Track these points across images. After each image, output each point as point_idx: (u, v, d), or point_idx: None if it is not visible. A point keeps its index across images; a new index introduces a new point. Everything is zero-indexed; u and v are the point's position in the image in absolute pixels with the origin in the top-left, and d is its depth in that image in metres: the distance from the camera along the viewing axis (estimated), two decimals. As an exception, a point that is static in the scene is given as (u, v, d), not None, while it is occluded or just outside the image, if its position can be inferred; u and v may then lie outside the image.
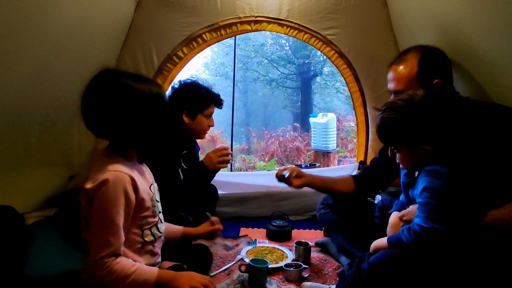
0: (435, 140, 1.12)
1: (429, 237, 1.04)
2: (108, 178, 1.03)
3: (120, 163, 1.08)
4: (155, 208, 1.17)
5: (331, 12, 2.34)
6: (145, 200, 1.12)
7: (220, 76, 12.31)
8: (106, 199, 1.02)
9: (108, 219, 1.01)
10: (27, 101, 1.66)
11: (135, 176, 1.08)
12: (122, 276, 1.01)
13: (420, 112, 1.12)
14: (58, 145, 2.01)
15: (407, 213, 1.24)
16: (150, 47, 2.33)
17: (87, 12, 1.75)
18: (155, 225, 1.17)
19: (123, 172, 1.05)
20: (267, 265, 1.46)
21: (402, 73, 1.38)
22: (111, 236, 1.01)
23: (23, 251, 1.56)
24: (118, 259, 1.02)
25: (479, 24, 1.34)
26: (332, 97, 12.63)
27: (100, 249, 1.00)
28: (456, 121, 1.14)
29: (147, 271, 1.07)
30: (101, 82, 1.09)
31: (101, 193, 1.02)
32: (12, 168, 1.78)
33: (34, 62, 1.58)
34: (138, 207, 1.10)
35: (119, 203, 1.03)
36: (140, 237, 1.13)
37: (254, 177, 2.90)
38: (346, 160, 6.18)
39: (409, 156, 1.18)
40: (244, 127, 12.66)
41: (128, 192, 1.05)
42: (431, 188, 1.08)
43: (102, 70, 1.11)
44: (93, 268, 1.01)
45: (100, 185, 1.02)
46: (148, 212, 1.14)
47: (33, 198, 1.98)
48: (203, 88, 1.92)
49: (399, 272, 1.07)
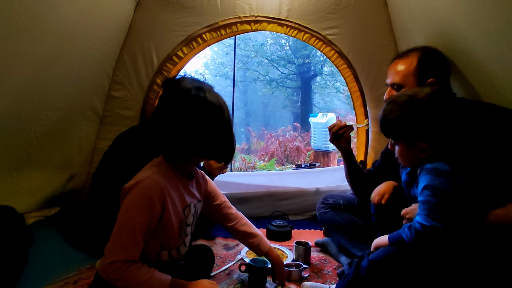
0: (432, 138, 1.14)
1: (430, 235, 1.04)
2: (140, 181, 1.03)
3: (162, 173, 1.07)
4: (181, 231, 1.14)
5: (331, 12, 2.34)
6: (172, 221, 1.09)
7: (220, 76, 12.31)
8: (132, 202, 1.01)
9: (129, 224, 1.00)
10: (27, 102, 1.66)
11: (169, 191, 1.07)
12: (136, 283, 0.99)
13: (420, 109, 1.14)
14: (58, 146, 2.01)
15: (410, 210, 1.25)
16: (150, 47, 2.33)
17: (87, 13, 1.75)
18: (176, 249, 1.15)
19: (157, 182, 1.04)
20: (267, 265, 1.46)
21: (401, 67, 1.45)
22: (130, 242, 1.00)
23: (23, 251, 1.56)
24: (133, 266, 1.00)
25: (478, 25, 1.34)
26: (332, 97, 12.64)
27: (117, 252, 0.99)
28: (454, 121, 1.15)
29: (160, 279, 1.05)
30: (182, 93, 1.06)
31: (130, 194, 1.02)
32: (12, 169, 1.78)
33: (34, 63, 1.58)
34: (162, 225, 1.07)
35: (142, 211, 1.01)
36: (157, 254, 1.11)
37: (254, 177, 2.90)
38: (346, 160, 6.16)
39: (406, 151, 1.19)
40: (244, 127, 12.66)
41: (154, 203, 1.03)
42: (432, 187, 1.08)
43: (177, 79, 1.09)
44: (106, 270, 0.99)
45: (133, 186, 1.03)
46: (172, 234, 1.11)
47: (33, 198, 1.98)
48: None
49: (399, 270, 1.08)
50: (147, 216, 1.02)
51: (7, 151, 1.71)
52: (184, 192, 1.16)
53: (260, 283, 1.46)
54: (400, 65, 1.46)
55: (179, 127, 1.04)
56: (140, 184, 1.02)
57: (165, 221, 1.08)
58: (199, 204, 1.25)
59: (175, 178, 1.12)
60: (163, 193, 1.05)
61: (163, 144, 1.09)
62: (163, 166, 1.10)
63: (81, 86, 1.97)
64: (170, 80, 1.09)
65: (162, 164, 1.11)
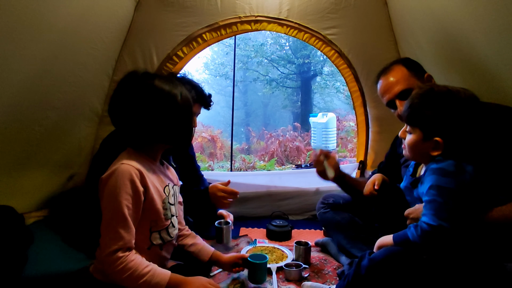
0: (452, 137, 1.11)
1: (436, 235, 1.04)
2: (117, 168, 1.04)
3: (134, 158, 1.09)
4: (167, 211, 1.15)
5: (331, 11, 2.34)
6: (154, 200, 1.10)
7: (220, 76, 12.32)
8: (114, 190, 1.02)
9: (117, 211, 1.01)
10: (27, 102, 1.66)
11: (146, 172, 1.08)
12: (136, 276, 1.00)
13: (454, 105, 1.10)
14: (58, 146, 2.01)
15: (414, 211, 1.24)
16: (150, 47, 2.33)
17: (87, 13, 1.75)
18: (165, 229, 1.16)
19: (132, 166, 1.06)
20: (266, 260, 1.46)
21: (396, 76, 1.45)
22: (121, 228, 1.00)
23: (23, 251, 1.56)
24: (132, 255, 1.01)
25: (479, 24, 1.34)
26: (332, 96, 12.64)
27: (111, 242, 0.99)
28: (478, 125, 1.12)
29: (161, 273, 1.06)
30: (133, 82, 1.10)
31: (109, 183, 1.03)
32: (12, 169, 1.78)
33: (34, 63, 1.58)
34: (147, 206, 1.09)
35: (126, 195, 1.02)
36: (148, 238, 1.11)
37: (254, 177, 2.90)
38: (346, 160, 6.17)
39: (419, 142, 1.16)
40: (244, 127, 12.66)
41: (135, 183, 1.04)
42: (438, 186, 1.08)
43: (131, 72, 1.14)
44: (105, 264, 0.99)
45: (109, 175, 1.04)
46: (158, 214, 1.12)
47: (33, 198, 1.98)
48: (188, 84, 1.77)
49: (400, 270, 1.07)
50: (132, 198, 1.03)
51: (7, 151, 1.70)
52: (159, 173, 1.18)
53: (259, 278, 1.45)
54: (392, 77, 1.46)
55: (128, 113, 1.09)
56: (117, 171, 1.04)
57: (149, 201, 1.09)
58: (177, 187, 1.26)
59: (147, 161, 1.14)
60: (141, 174, 1.07)
61: (121, 131, 1.13)
62: (132, 154, 1.12)
63: (81, 86, 1.97)
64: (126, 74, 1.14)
65: (131, 152, 1.13)
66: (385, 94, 1.49)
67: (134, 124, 1.09)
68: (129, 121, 1.09)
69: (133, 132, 1.11)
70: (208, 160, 6.71)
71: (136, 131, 1.10)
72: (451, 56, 1.49)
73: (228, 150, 7.19)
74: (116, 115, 1.12)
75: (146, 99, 1.08)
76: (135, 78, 1.11)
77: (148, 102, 1.08)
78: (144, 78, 1.11)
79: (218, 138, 7.42)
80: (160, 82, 1.11)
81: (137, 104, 1.07)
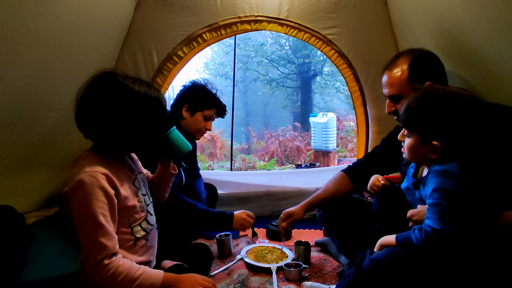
0: (449, 141, 1.10)
1: (440, 239, 1.02)
2: (82, 178, 0.98)
3: (96, 163, 1.03)
4: (141, 203, 1.14)
5: (331, 11, 2.34)
6: (128, 198, 1.08)
7: (220, 76, 12.31)
8: (85, 201, 0.97)
9: (93, 221, 0.97)
10: (27, 102, 1.66)
11: (112, 173, 1.04)
12: (129, 280, 0.98)
13: (451, 108, 1.08)
14: (58, 146, 2.01)
15: (417, 213, 1.22)
16: (150, 47, 2.33)
17: (87, 13, 1.75)
18: (145, 219, 1.15)
19: (97, 171, 1.01)
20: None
21: (394, 78, 1.41)
22: (102, 237, 0.97)
23: (23, 251, 1.56)
24: (119, 260, 0.99)
25: (478, 24, 1.34)
26: (332, 96, 12.64)
27: (95, 253, 0.96)
28: (478, 128, 1.10)
29: (154, 274, 1.05)
30: (99, 81, 1.06)
31: (78, 196, 0.98)
32: (13, 169, 1.78)
33: (34, 64, 1.58)
34: (121, 206, 1.06)
35: (100, 203, 0.98)
36: (131, 234, 1.10)
37: (254, 177, 2.91)
38: (346, 159, 6.18)
39: (416, 145, 1.15)
40: (244, 127, 12.67)
41: (106, 189, 1.00)
42: (442, 189, 1.05)
43: (100, 71, 1.09)
44: (93, 275, 0.97)
45: (75, 187, 0.98)
46: (134, 209, 1.10)
47: (33, 198, 1.98)
48: (211, 91, 1.97)
49: (401, 271, 1.06)
50: (106, 204, 0.99)
51: (8, 151, 1.71)
52: (125, 169, 1.14)
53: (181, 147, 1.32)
54: (393, 75, 1.41)
55: (96, 119, 1.04)
56: (83, 181, 0.98)
57: (122, 200, 1.06)
58: (142, 175, 1.23)
59: (110, 160, 1.09)
60: (108, 177, 1.02)
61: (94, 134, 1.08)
62: (93, 157, 1.06)
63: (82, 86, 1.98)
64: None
65: (90, 156, 1.07)
66: (384, 87, 1.48)
67: (99, 125, 1.04)
68: (94, 123, 1.05)
69: (99, 134, 1.06)
70: (208, 160, 6.72)
71: (102, 133, 1.06)
72: (451, 56, 1.49)
73: (228, 150, 7.20)
74: (81, 117, 1.06)
75: (112, 96, 1.04)
76: (100, 76, 1.07)
77: (114, 99, 1.03)
78: (109, 75, 1.07)
79: (218, 138, 7.43)
80: (124, 79, 1.07)
81: (103, 102, 1.03)
